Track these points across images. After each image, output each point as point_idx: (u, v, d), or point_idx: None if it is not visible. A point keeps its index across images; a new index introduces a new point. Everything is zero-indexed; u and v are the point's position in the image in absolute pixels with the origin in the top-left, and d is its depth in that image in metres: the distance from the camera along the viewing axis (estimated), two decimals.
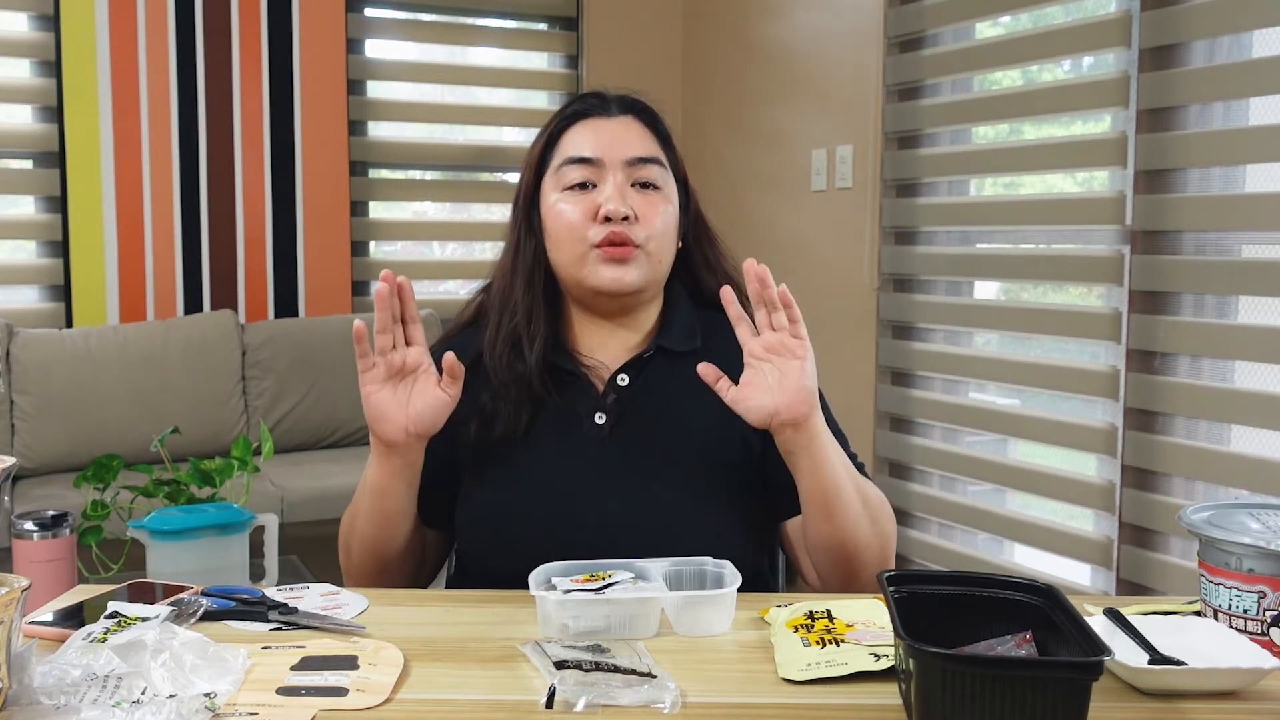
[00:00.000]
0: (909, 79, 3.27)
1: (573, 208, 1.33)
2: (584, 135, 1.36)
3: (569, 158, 1.35)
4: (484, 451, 1.35)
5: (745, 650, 1.09)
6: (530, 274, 1.37)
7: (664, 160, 1.37)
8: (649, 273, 1.35)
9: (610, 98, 1.40)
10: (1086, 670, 0.83)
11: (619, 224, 1.31)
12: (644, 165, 1.34)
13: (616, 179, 1.33)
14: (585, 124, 1.37)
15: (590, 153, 1.34)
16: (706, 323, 1.42)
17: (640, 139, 1.36)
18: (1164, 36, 2.52)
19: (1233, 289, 2.43)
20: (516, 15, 4.37)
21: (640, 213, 1.32)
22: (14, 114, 3.71)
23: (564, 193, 1.34)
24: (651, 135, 1.38)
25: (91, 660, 0.95)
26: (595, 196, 1.33)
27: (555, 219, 1.34)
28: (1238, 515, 1.11)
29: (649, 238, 1.33)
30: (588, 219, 1.32)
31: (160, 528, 1.42)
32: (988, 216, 3.11)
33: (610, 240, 1.31)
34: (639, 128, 1.38)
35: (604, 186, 1.33)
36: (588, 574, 1.17)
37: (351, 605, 1.20)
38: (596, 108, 1.38)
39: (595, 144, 1.34)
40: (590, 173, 1.33)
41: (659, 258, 1.35)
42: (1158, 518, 2.55)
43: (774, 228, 3.73)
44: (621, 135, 1.35)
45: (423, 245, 4.44)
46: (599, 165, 1.33)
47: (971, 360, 3.12)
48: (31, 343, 3.47)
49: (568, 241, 1.33)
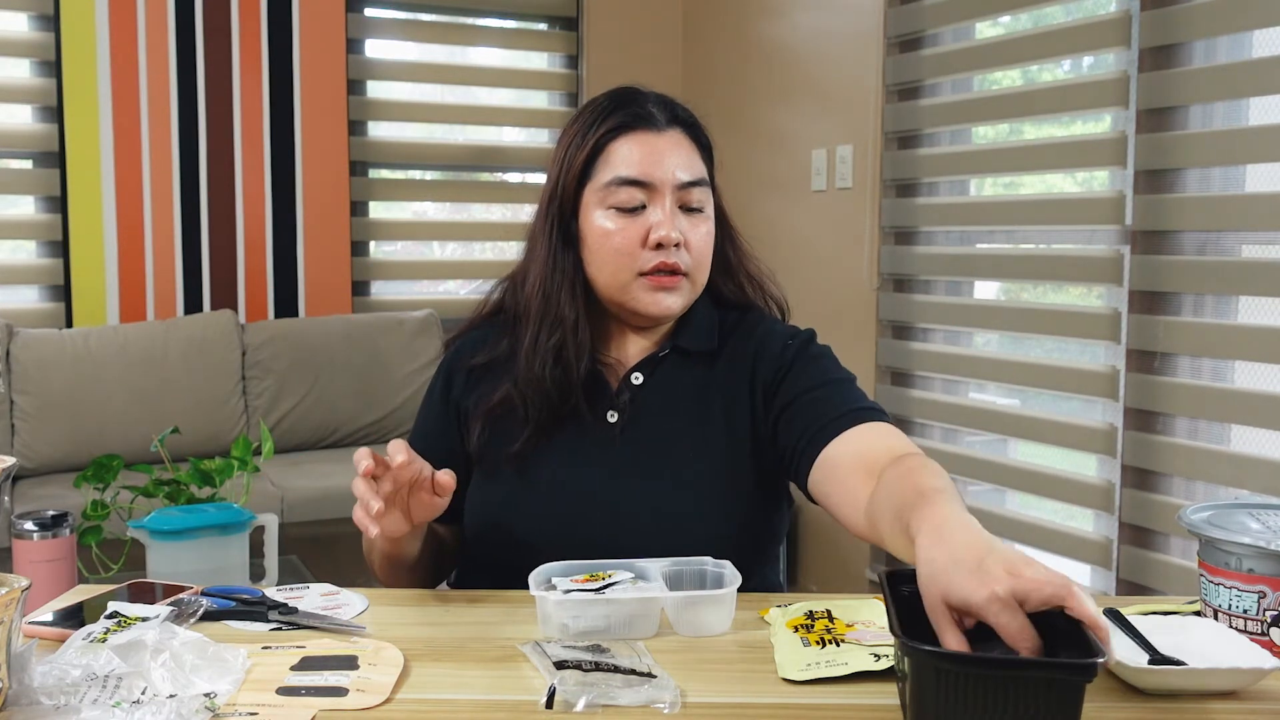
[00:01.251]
0: (909, 79, 3.27)
1: (623, 231, 1.31)
2: (634, 153, 1.31)
3: (621, 178, 1.31)
4: (496, 448, 1.35)
5: (745, 650, 1.08)
6: (573, 287, 1.34)
7: (708, 179, 1.36)
8: (691, 297, 1.36)
9: (655, 109, 1.34)
10: (1080, 672, 0.82)
11: (671, 251, 1.30)
12: (692, 189, 1.33)
13: (667, 204, 1.31)
14: (634, 138, 1.32)
15: (643, 175, 1.30)
16: (725, 324, 1.42)
17: (689, 158, 1.34)
18: (1164, 36, 2.52)
19: (1233, 289, 2.43)
20: (516, 15, 4.37)
21: (688, 238, 1.32)
22: (14, 114, 3.71)
23: (612, 211, 1.31)
24: (697, 151, 1.36)
25: (91, 660, 0.95)
26: (645, 219, 1.31)
27: (602, 239, 1.32)
28: (1238, 515, 1.11)
29: (695, 265, 1.33)
30: (638, 243, 1.30)
31: (160, 528, 1.42)
32: (988, 216, 3.11)
33: (661, 268, 1.30)
34: (687, 144, 1.35)
35: (655, 210, 1.31)
36: (588, 574, 1.17)
37: (351, 605, 1.21)
38: (644, 120, 1.33)
39: (647, 164, 1.31)
40: (642, 195, 1.31)
41: (701, 280, 1.36)
42: (1158, 518, 2.55)
43: (774, 228, 3.73)
44: (672, 155, 1.32)
45: (423, 245, 4.44)
46: (651, 189, 1.31)
47: (971, 360, 3.12)
48: (31, 343, 3.47)
49: (615, 265, 1.31)
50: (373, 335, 3.90)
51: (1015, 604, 0.83)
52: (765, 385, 1.36)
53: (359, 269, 4.15)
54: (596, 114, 1.35)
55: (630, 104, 1.35)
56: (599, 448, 1.34)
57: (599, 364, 1.37)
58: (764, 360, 1.37)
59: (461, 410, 1.40)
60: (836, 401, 1.30)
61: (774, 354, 1.37)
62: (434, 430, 1.42)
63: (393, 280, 4.29)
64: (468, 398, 1.39)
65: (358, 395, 3.83)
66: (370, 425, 3.85)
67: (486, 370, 1.38)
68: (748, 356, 1.38)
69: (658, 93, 1.39)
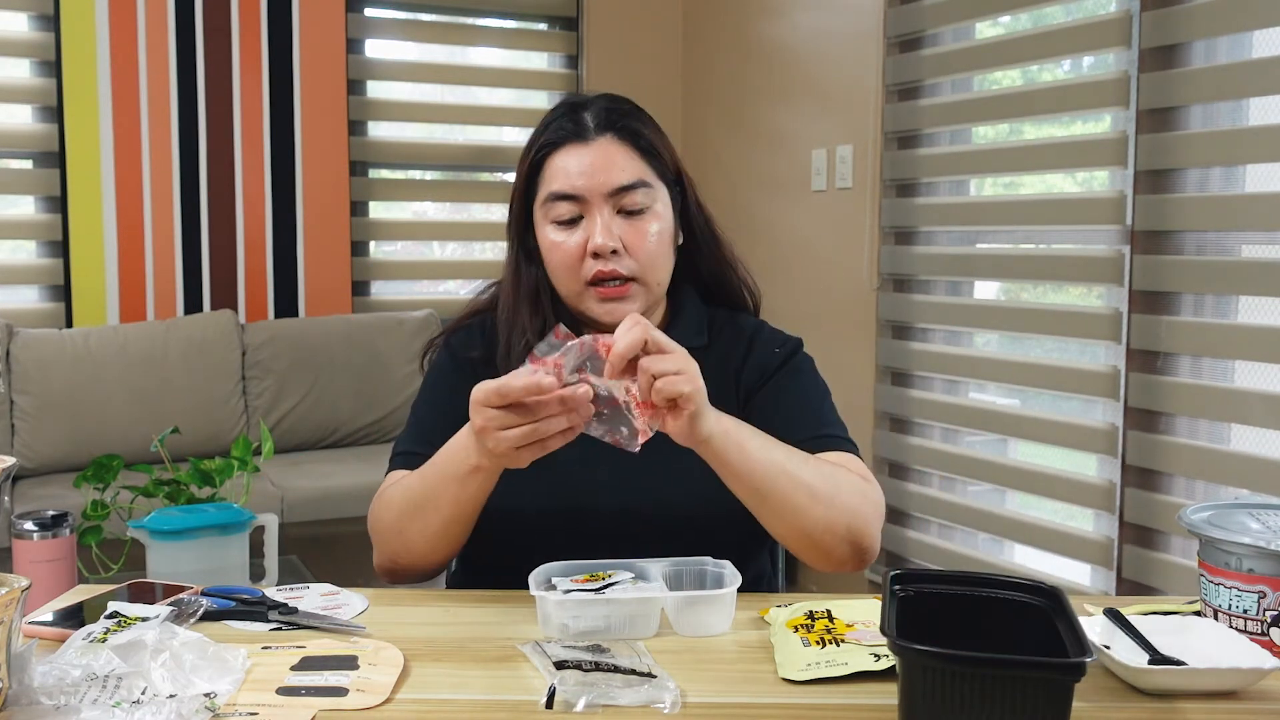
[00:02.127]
0: (909, 79, 3.27)
1: (564, 245, 1.34)
2: (565, 166, 1.34)
3: (553, 193, 1.34)
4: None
5: (745, 650, 1.09)
6: (534, 298, 1.38)
7: (649, 178, 1.35)
8: (646, 300, 1.36)
9: (586, 118, 1.35)
10: (1068, 671, 0.83)
11: (608, 258, 1.32)
12: (628, 193, 1.33)
13: (602, 214, 1.32)
14: (564, 153, 1.34)
15: (571, 189, 1.33)
16: (715, 320, 1.43)
17: (622, 162, 1.34)
18: (1164, 36, 2.52)
19: (1233, 289, 2.43)
20: (516, 15, 4.37)
21: (629, 242, 1.32)
22: (14, 114, 3.71)
23: (553, 226, 1.35)
24: (633, 152, 1.35)
25: (91, 660, 0.95)
26: (583, 231, 1.33)
27: (549, 254, 1.36)
28: (1238, 515, 1.11)
29: (640, 268, 1.33)
30: (579, 256, 1.33)
31: (160, 528, 1.42)
32: (988, 216, 3.11)
33: (600, 277, 1.32)
34: (619, 149, 1.35)
35: (590, 221, 1.33)
36: (587, 574, 1.17)
37: (351, 605, 1.21)
38: (573, 134, 1.35)
39: (575, 177, 1.33)
40: (576, 207, 1.33)
41: (656, 279, 1.36)
42: (1159, 517, 2.55)
43: (774, 228, 3.73)
44: (602, 164, 1.33)
45: (423, 245, 4.43)
46: (583, 200, 1.33)
47: (971, 360, 3.12)
48: (31, 343, 3.47)
49: (564, 277, 1.35)
50: (373, 335, 3.90)
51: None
52: (748, 388, 1.39)
53: (359, 269, 4.15)
54: (543, 125, 1.39)
55: (566, 115, 1.37)
56: (596, 447, 1.34)
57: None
58: (751, 365, 1.40)
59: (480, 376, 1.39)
60: (805, 423, 1.33)
61: (760, 360, 1.40)
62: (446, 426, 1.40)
63: (393, 280, 4.29)
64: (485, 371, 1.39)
65: (358, 395, 3.83)
66: (370, 425, 3.85)
67: (486, 367, 1.38)
68: (737, 357, 1.41)
69: (605, 96, 1.39)
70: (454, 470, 1.20)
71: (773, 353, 1.40)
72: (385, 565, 1.32)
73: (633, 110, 1.39)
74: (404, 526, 1.27)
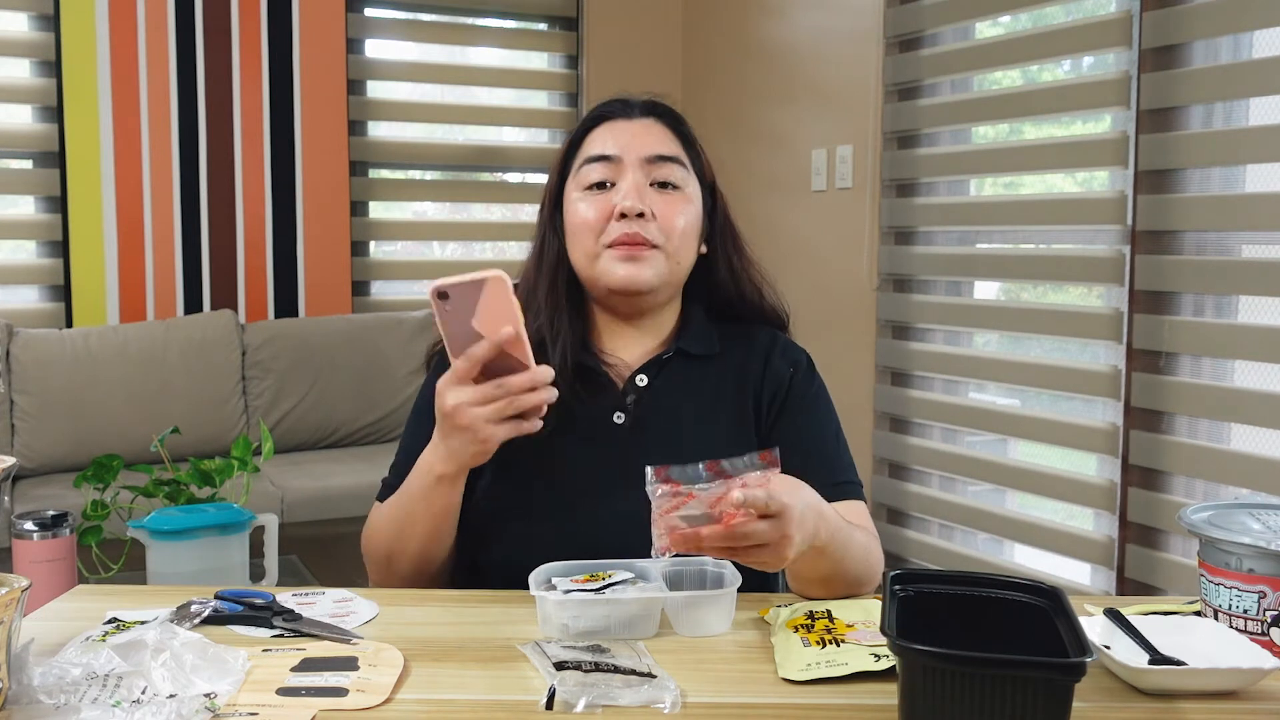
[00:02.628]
0: (908, 79, 3.27)
1: (589, 205, 1.33)
2: (604, 135, 1.36)
3: (588, 156, 1.36)
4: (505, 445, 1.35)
5: (745, 650, 1.08)
6: (554, 275, 1.37)
7: (685, 161, 1.37)
8: (665, 272, 1.34)
9: (633, 101, 1.40)
10: (1068, 671, 0.83)
11: (634, 220, 1.31)
12: (663, 164, 1.34)
13: (635, 177, 1.33)
14: (607, 125, 1.37)
15: (607, 150, 1.34)
16: (724, 333, 1.43)
17: (661, 139, 1.37)
18: (1165, 37, 2.52)
19: (1233, 289, 2.43)
20: (516, 15, 4.37)
21: (659, 211, 1.32)
22: (14, 114, 3.71)
23: (583, 191, 1.35)
24: (674, 136, 1.38)
25: (91, 659, 0.95)
26: (613, 195, 1.33)
27: (574, 217, 1.35)
28: (1238, 515, 1.10)
29: (667, 237, 1.33)
30: (604, 217, 1.32)
31: (160, 528, 1.42)
32: (987, 216, 3.11)
33: (624, 240, 1.31)
34: (660, 129, 1.38)
35: (621, 184, 1.33)
36: (588, 574, 1.17)
37: (362, 612, 1.20)
38: (619, 110, 1.39)
39: (614, 143, 1.35)
40: (609, 171, 1.34)
41: (677, 258, 1.35)
42: (1159, 517, 2.56)
43: (774, 228, 3.73)
44: (641, 134, 1.36)
45: (423, 245, 4.43)
46: (617, 163, 1.34)
47: (971, 360, 3.12)
48: (31, 343, 3.47)
49: (583, 239, 1.34)
50: (373, 335, 3.90)
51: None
52: (768, 402, 1.39)
53: (359, 269, 4.15)
54: (588, 114, 1.41)
55: (612, 103, 1.40)
56: (606, 448, 1.34)
57: (602, 364, 1.38)
58: (768, 378, 1.40)
59: None
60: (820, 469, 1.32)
61: (777, 372, 1.40)
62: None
63: (393, 280, 4.29)
64: None
65: (358, 395, 3.83)
66: (370, 425, 3.85)
67: None
68: (752, 367, 1.40)
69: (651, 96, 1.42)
70: (420, 488, 1.24)
71: (789, 371, 1.40)
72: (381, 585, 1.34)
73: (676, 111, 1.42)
74: (391, 552, 1.30)
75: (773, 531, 1.02)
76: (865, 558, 1.25)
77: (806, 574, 1.21)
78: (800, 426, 1.39)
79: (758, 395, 1.40)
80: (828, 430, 1.41)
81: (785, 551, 1.04)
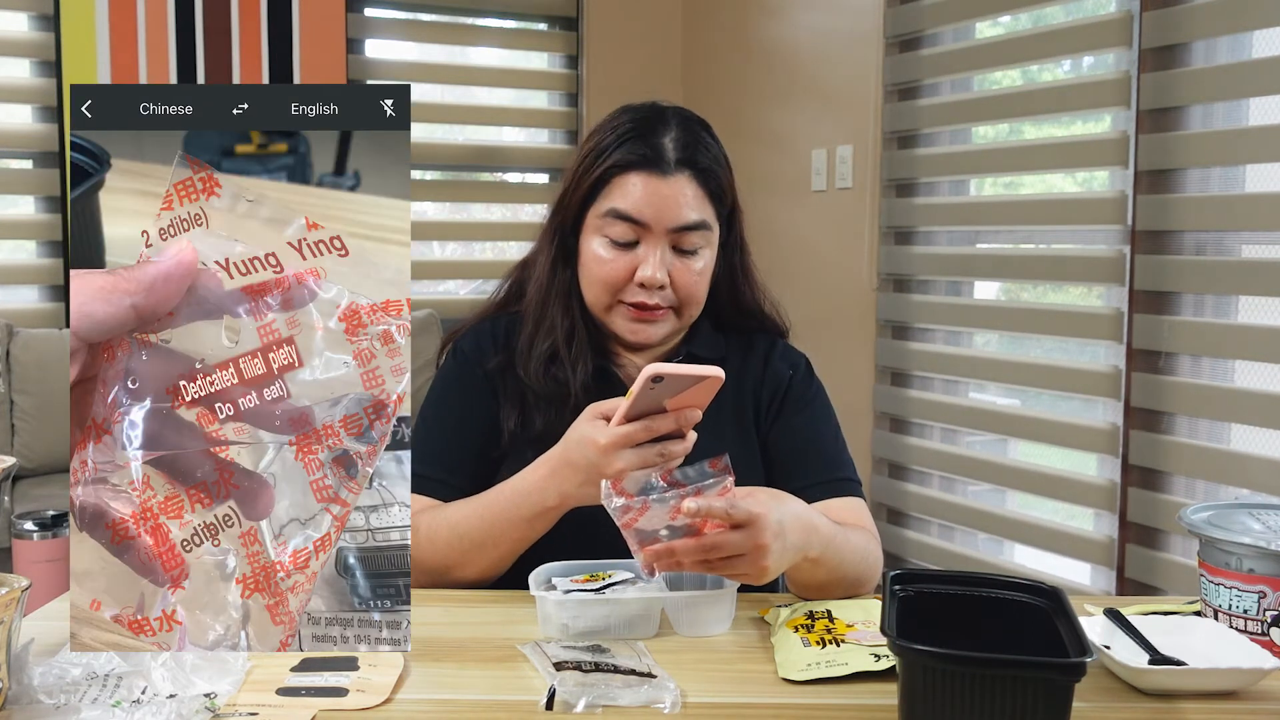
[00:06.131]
0: (908, 79, 3.27)
1: (611, 263, 1.34)
2: (637, 190, 1.33)
3: (618, 211, 1.33)
4: (521, 446, 1.35)
5: (745, 650, 1.09)
6: (568, 300, 1.39)
7: (710, 220, 1.37)
8: (674, 329, 1.39)
9: (671, 146, 1.34)
10: (1068, 671, 0.83)
11: (654, 292, 1.34)
12: (689, 233, 1.34)
13: (660, 248, 1.33)
14: (641, 177, 1.33)
15: (638, 214, 1.33)
16: (726, 341, 1.47)
17: (691, 201, 1.34)
18: (1165, 36, 2.52)
19: (1233, 289, 2.43)
20: (516, 15, 4.36)
21: (678, 279, 1.35)
22: (14, 114, 3.70)
23: (606, 241, 1.35)
24: (704, 195, 1.36)
25: (91, 659, 0.95)
26: (635, 258, 1.34)
27: (593, 265, 1.36)
28: (1238, 515, 1.11)
29: (682, 302, 1.36)
30: (624, 278, 1.34)
31: None
32: (988, 216, 3.11)
33: (642, 307, 1.34)
34: (692, 189, 1.35)
35: (645, 250, 1.33)
36: (588, 574, 1.17)
37: None
38: (651, 161, 1.34)
39: (645, 205, 1.33)
40: (635, 232, 1.34)
41: (690, 313, 1.39)
42: (1160, 517, 2.55)
43: (774, 228, 3.73)
44: (673, 200, 1.33)
45: (423, 245, 4.43)
46: (644, 228, 1.33)
47: (971, 360, 3.12)
48: (31, 343, 3.47)
49: (599, 291, 1.36)
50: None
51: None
52: (768, 403, 1.43)
53: None
54: (617, 136, 1.36)
55: (650, 135, 1.35)
56: None
57: (613, 365, 1.41)
58: (768, 380, 1.44)
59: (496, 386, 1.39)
60: (817, 465, 1.37)
61: (776, 374, 1.44)
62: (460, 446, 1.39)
63: None
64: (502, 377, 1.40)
65: None
66: None
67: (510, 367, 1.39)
68: (752, 370, 1.44)
69: (681, 116, 1.39)
70: (524, 513, 1.23)
71: (788, 373, 1.44)
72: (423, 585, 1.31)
73: (709, 141, 1.39)
74: (455, 562, 1.27)
75: (746, 541, 1.04)
76: (864, 560, 1.25)
77: (804, 581, 1.22)
78: (798, 426, 1.41)
79: (758, 397, 1.43)
80: (826, 429, 1.42)
81: (762, 562, 1.05)
